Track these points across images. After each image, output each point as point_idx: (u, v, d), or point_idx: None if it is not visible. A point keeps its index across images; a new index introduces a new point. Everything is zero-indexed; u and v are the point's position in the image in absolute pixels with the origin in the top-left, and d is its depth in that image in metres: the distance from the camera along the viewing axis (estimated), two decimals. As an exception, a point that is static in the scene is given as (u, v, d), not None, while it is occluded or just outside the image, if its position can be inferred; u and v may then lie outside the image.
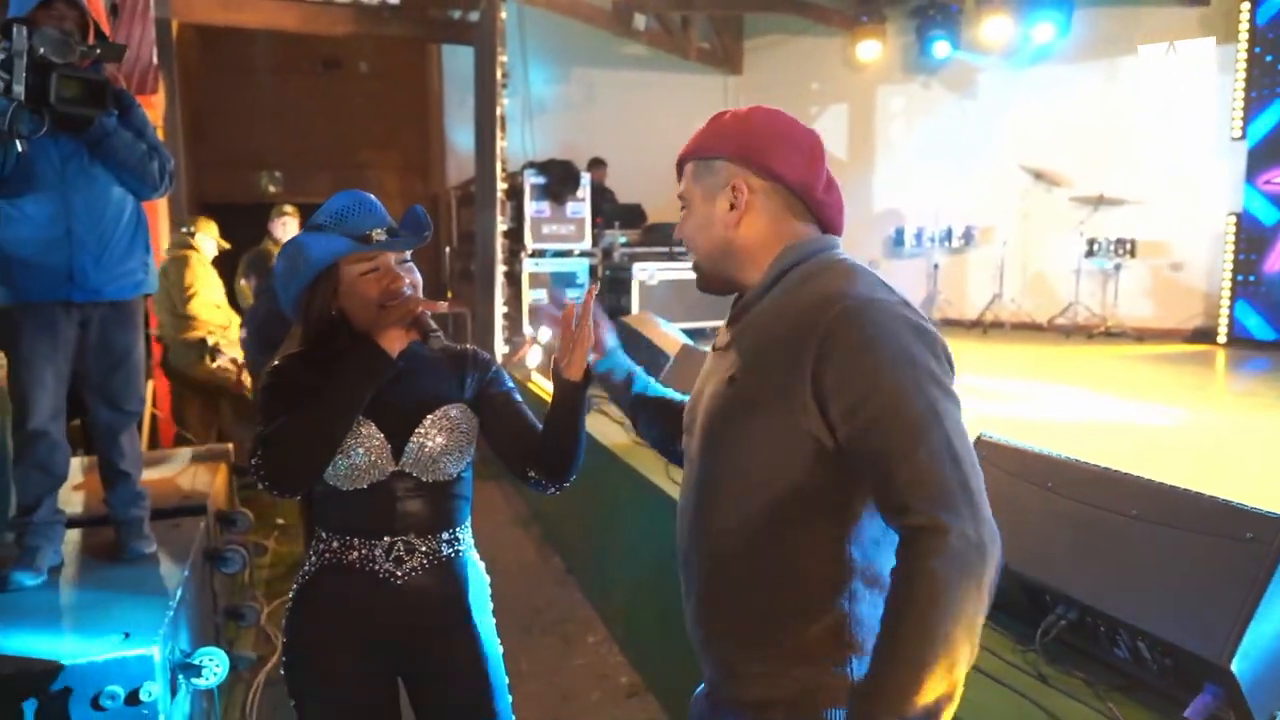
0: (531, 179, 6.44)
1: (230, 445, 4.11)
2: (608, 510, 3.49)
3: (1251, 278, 6.56)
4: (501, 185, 5.88)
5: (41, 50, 2.09)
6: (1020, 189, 7.58)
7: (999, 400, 4.52)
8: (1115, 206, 7.07)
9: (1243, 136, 6.59)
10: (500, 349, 6.27)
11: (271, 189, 9.27)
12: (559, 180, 6.46)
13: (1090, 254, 7.15)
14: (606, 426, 3.76)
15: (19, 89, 2.08)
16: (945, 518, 0.92)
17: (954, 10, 7.87)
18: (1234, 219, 6.63)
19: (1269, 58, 6.41)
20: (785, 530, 1.08)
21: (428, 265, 6.54)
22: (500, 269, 6.22)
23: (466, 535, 1.61)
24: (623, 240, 7.32)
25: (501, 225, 6.18)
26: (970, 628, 0.92)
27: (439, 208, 8.79)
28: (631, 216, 7.93)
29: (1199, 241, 7.05)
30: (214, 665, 2.16)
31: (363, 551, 1.51)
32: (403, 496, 1.51)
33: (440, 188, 8.81)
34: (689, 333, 5.37)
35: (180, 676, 2.14)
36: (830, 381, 1.01)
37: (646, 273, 6.57)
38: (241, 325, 5.12)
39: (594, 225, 7.06)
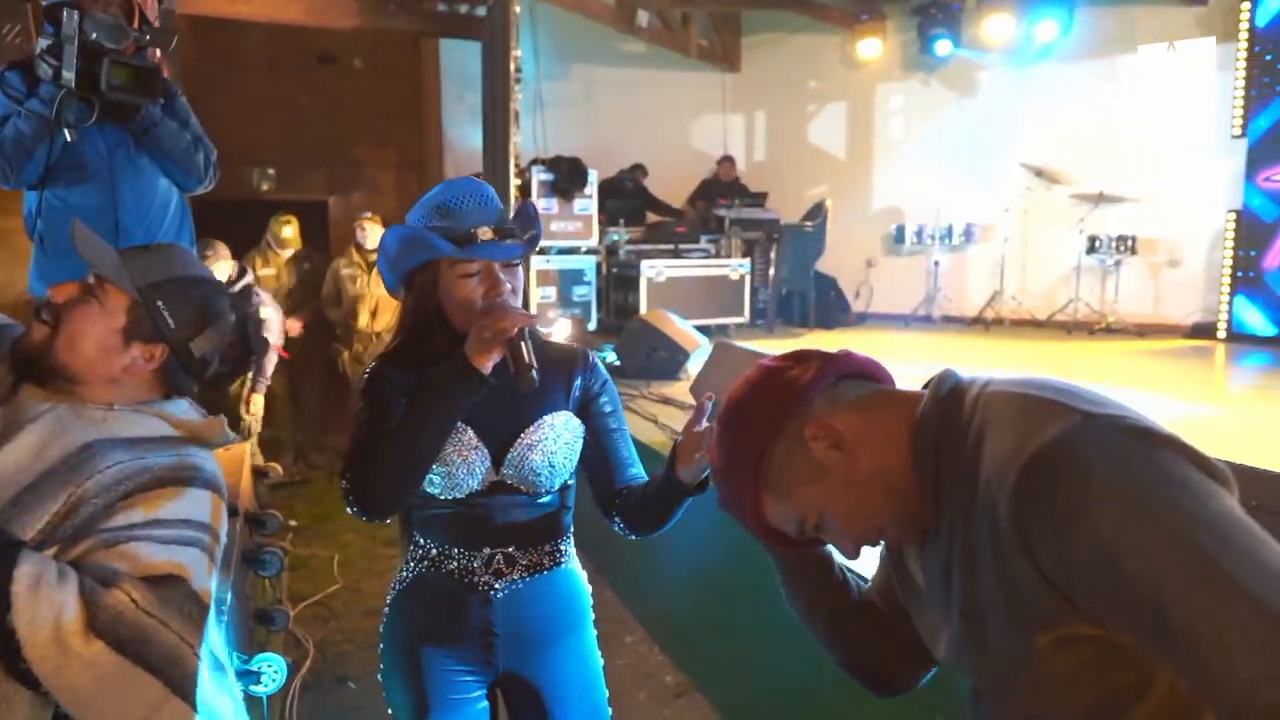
0: (539, 175, 6.38)
1: (248, 444, 4.02)
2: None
3: (1251, 274, 6.64)
4: (515, 181, 5.81)
5: (94, 36, 2.02)
6: (1021, 187, 7.62)
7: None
8: (1116, 204, 7.12)
9: (1243, 134, 6.66)
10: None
11: (264, 186, 9.11)
12: (566, 177, 6.40)
13: (1091, 251, 7.20)
14: (640, 424, 3.72)
15: (68, 75, 2.01)
16: None
17: (955, 9, 7.89)
18: (1234, 216, 6.71)
19: (1268, 56, 6.49)
20: None
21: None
22: (509, 266, 6.14)
23: (569, 546, 1.55)
24: (622, 237, 7.29)
25: (510, 222, 6.10)
26: None
27: (436, 205, 8.68)
28: (633, 213, 7.90)
29: (1199, 238, 7.13)
30: (273, 672, 2.10)
31: (461, 562, 1.45)
32: (503, 508, 1.43)
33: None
34: (700, 329, 5.36)
35: (239, 684, 2.07)
36: (1059, 578, 0.75)
37: (654, 270, 6.54)
38: None
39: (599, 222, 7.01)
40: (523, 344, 1.32)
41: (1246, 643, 0.66)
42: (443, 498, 1.42)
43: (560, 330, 5.28)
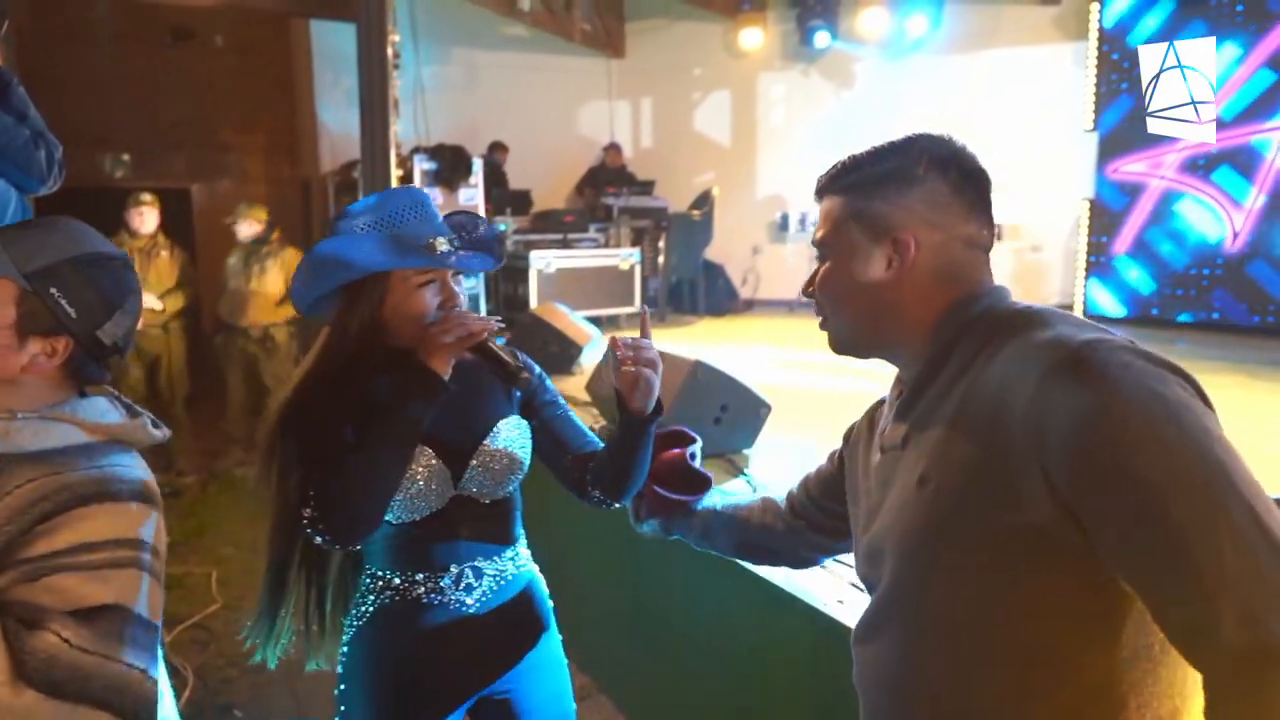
0: (422, 164, 6.17)
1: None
2: (539, 506, 3.38)
3: (1103, 258, 7.14)
4: (396, 171, 5.59)
5: (-94, 18, 1.78)
6: (897, 176, 7.92)
7: (875, 379, 4.70)
8: (983, 193, 7.50)
9: (1094, 128, 7.12)
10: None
11: (119, 173, 8.47)
12: (451, 165, 6.22)
13: (961, 237, 7.57)
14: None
15: (-123, 64, 1.77)
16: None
17: (832, 1, 8.09)
18: (1087, 204, 7.18)
19: (1115, 55, 6.95)
20: (1036, 682, 0.85)
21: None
22: (392, 259, 5.91)
23: (525, 548, 1.54)
24: (508, 227, 7.15)
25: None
26: None
27: (311, 193, 8.28)
28: (519, 202, 7.76)
29: (1057, 225, 7.60)
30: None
31: (429, 585, 1.39)
32: (464, 521, 1.40)
33: (313, 172, 8.30)
34: (591, 320, 5.32)
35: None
36: (1059, 459, 0.79)
37: (544, 261, 6.44)
38: None
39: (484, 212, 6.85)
40: (493, 347, 1.34)
41: (1237, 546, 0.72)
42: (398, 522, 1.36)
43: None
